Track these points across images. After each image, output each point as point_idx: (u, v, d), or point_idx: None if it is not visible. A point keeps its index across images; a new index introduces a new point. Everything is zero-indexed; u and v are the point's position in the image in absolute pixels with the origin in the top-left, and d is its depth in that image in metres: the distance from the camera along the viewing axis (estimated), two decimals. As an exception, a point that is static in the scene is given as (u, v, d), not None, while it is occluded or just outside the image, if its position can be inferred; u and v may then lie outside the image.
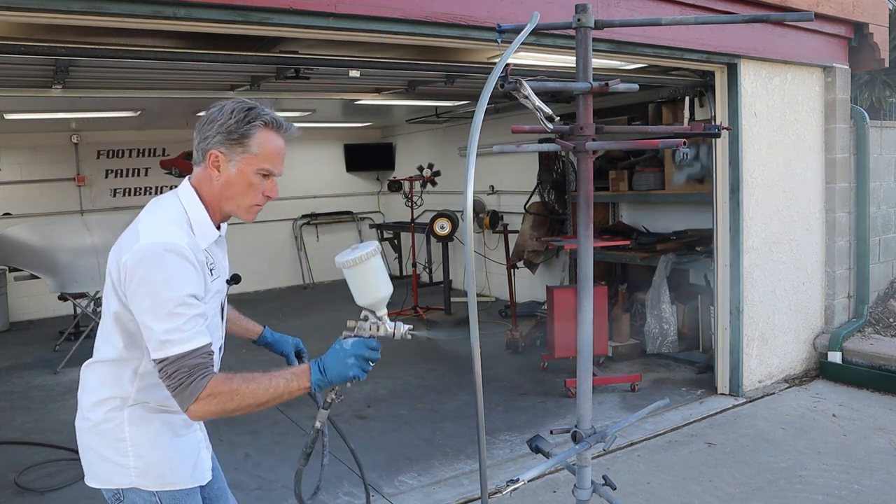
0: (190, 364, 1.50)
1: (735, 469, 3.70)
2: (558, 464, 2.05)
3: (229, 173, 1.68)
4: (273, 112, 1.69)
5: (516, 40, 1.68)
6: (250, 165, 1.67)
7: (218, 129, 1.66)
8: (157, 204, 1.71)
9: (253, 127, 1.65)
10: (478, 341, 1.62)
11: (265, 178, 1.70)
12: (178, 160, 9.31)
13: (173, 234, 1.57)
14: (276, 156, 1.69)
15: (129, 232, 1.63)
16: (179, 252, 1.53)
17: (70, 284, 6.14)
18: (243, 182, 1.68)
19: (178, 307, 1.50)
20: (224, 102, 1.71)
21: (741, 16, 2.00)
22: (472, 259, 1.68)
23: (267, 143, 1.67)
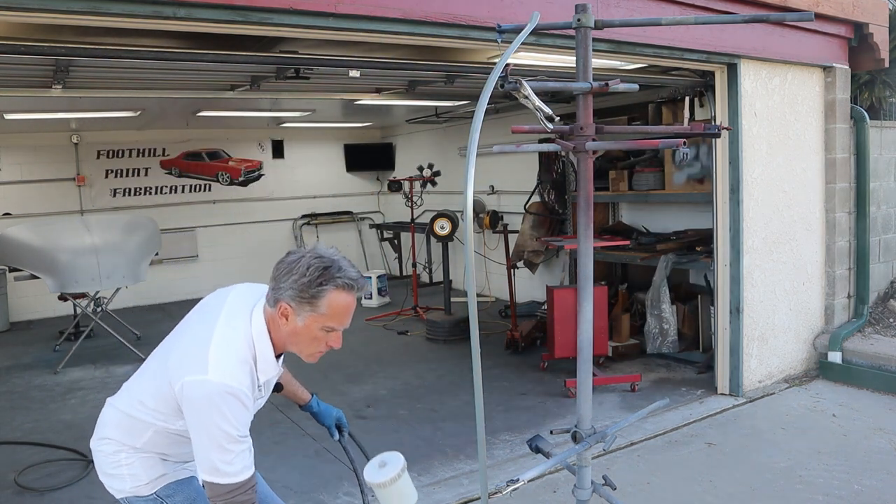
0: (237, 501, 1.70)
1: (735, 469, 3.70)
2: (558, 464, 2.05)
3: (296, 325, 1.77)
4: (348, 271, 1.76)
5: (516, 40, 1.68)
6: (317, 322, 1.76)
7: (292, 283, 1.74)
8: (231, 329, 1.79)
9: (324, 290, 1.72)
10: (478, 341, 1.62)
11: (330, 331, 1.79)
12: (178, 160, 9.32)
13: (238, 377, 1.72)
14: (343, 315, 1.77)
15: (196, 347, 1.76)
16: (239, 398, 1.70)
17: (70, 284, 6.14)
18: (308, 335, 1.78)
19: (231, 444, 1.68)
20: (304, 252, 1.79)
21: (741, 16, 2.00)
22: (472, 259, 1.68)
23: (335, 304, 1.74)
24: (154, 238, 6.95)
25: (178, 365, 1.75)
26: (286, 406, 4.96)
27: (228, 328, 1.79)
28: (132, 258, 6.48)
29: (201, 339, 1.77)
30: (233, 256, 9.70)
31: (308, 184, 10.30)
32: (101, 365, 6.21)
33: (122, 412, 1.94)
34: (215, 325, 1.80)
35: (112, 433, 1.94)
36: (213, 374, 1.68)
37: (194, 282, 9.44)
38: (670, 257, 5.53)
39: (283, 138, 10.04)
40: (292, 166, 10.19)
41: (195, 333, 1.82)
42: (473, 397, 1.68)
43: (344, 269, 1.75)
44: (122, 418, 1.93)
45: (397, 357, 6.18)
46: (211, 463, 1.68)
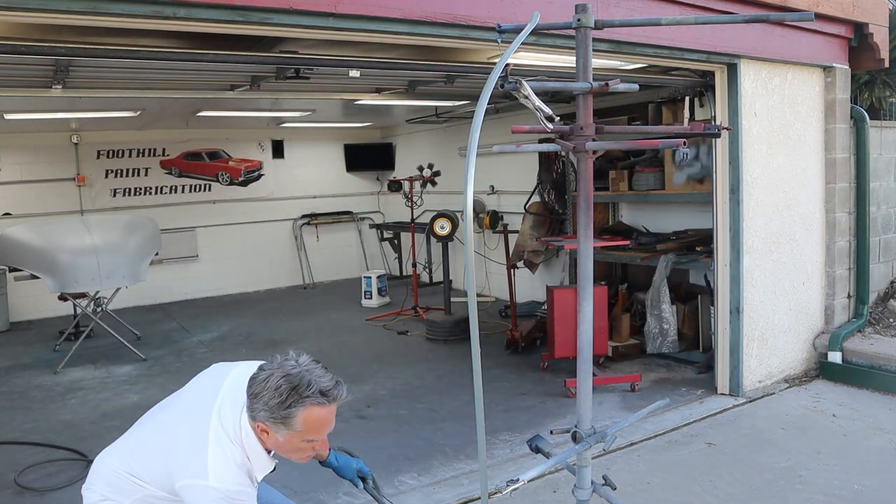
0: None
1: (735, 469, 3.70)
2: (558, 464, 2.05)
3: (277, 440, 1.81)
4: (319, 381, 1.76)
5: (516, 40, 1.68)
6: (295, 438, 1.80)
7: (263, 406, 1.76)
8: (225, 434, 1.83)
9: (294, 411, 1.74)
10: (478, 341, 1.62)
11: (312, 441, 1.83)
12: (178, 160, 9.32)
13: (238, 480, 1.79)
14: (321, 428, 1.80)
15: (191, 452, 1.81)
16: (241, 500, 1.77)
17: (70, 284, 6.14)
18: (291, 447, 1.83)
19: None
20: (272, 371, 1.79)
21: (741, 16, 2.00)
22: (472, 259, 1.68)
23: (311, 420, 1.76)
24: (154, 238, 6.95)
25: (178, 463, 1.81)
26: (286, 406, 4.96)
27: (223, 432, 1.83)
28: (132, 258, 6.48)
29: (198, 438, 1.82)
30: (233, 256, 9.70)
31: (308, 184, 10.30)
32: (101, 365, 6.21)
33: (116, 474, 1.98)
34: (209, 423, 1.84)
35: (103, 489, 2.00)
36: (213, 481, 1.75)
37: (194, 282, 9.45)
38: (670, 257, 5.53)
39: (283, 138, 10.04)
40: (292, 166, 10.19)
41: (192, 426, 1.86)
42: (473, 397, 1.68)
43: (313, 384, 1.75)
44: (115, 479, 1.98)
45: (397, 357, 6.18)
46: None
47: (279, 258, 10.13)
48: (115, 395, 5.33)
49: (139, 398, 5.24)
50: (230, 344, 6.89)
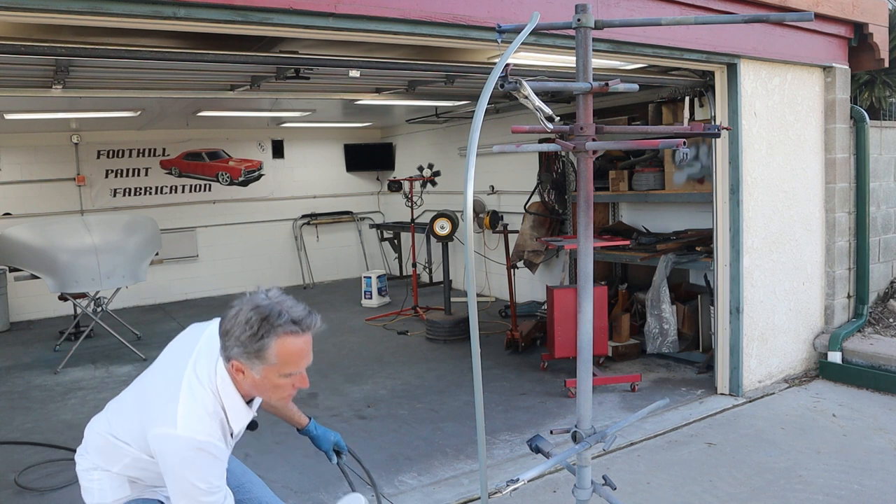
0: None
1: (735, 469, 3.70)
2: (558, 464, 2.05)
3: (254, 378, 1.73)
4: (291, 311, 1.70)
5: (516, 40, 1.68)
6: (272, 372, 1.71)
7: (235, 341, 1.69)
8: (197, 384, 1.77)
9: (267, 342, 1.67)
10: (478, 341, 1.62)
11: (291, 376, 1.74)
12: (178, 160, 9.32)
13: (208, 430, 1.71)
14: (297, 360, 1.72)
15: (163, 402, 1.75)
16: (210, 451, 1.70)
17: (70, 284, 6.14)
18: (268, 385, 1.74)
19: (203, 496, 1.70)
20: (240, 306, 1.72)
21: (741, 16, 2.01)
22: (472, 259, 1.68)
23: (285, 352, 1.68)
24: (154, 238, 6.95)
25: (150, 414, 1.76)
26: (286, 406, 4.96)
27: (196, 380, 1.77)
28: (132, 258, 6.49)
29: (171, 388, 1.76)
30: (233, 256, 9.71)
31: (308, 184, 10.30)
32: (102, 365, 6.21)
33: (102, 437, 1.97)
34: (183, 374, 1.78)
35: (93, 456, 1.98)
36: (181, 429, 1.68)
37: (194, 282, 9.45)
38: (670, 257, 5.53)
39: (283, 138, 10.05)
40: (292, 166, 10.20)
41: (167, 378, 1.81)
42: (473, 397, 1.68)
43: (285, 313, 1.68)
44: (102, 444, 1.96)
45: (397, 357, 6.18)
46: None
47: (279, 258, 10.13)
48: (115, 395, 5.30)
49: (139, 398, 5.24)
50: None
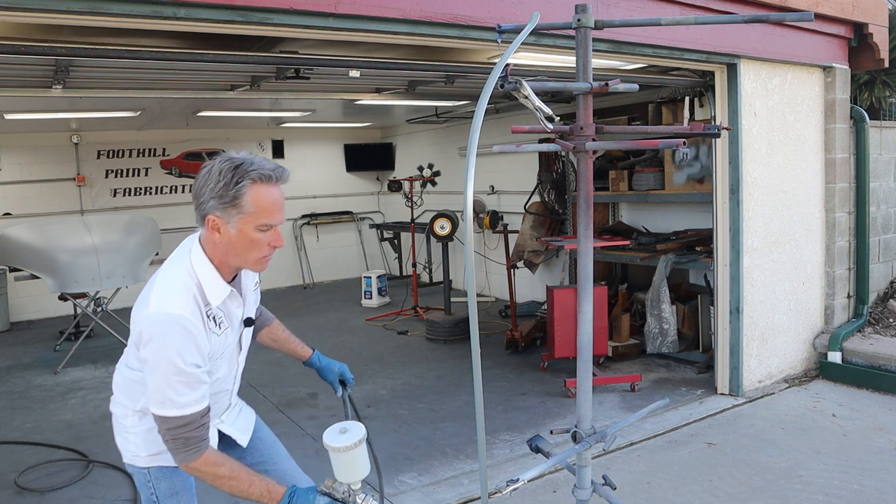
0: (186, 436, 1.69)
1: (735, 469, 3.70)
2: (558, 464, 2.05)
3: (230, 234, 1.73)
4: (262, 163, 1.71)
5: (516, 40, 1.68)
6: (248, 224, 1.71)
7: (210, 193, 1.70)
8: (170, 266, 1.80)
9: (242, 187, 1.68)
10: (478, 341, 1.62)
11: (266, 231, 1.74)
12: (178, 160, 9.32)
13: (179, 304, 1.68)
14: (272, 208, 1.72)
15: (145, 291, 1.77)
16: (181, 324, 1.66)
17: (70, 284, 6.14)
18: (245, 240, 1.73)
19: (176, 376, 1.65)
20: (212, 163, 1.74)
21: (741, 16, 2.00)
22: (472, 259, 1.68)
23: (260, 199, 1.69)
24: (154, 238, 6.95)
25: (133, 310, 1.76)
26: (286, 406, 4.96)
27: (169, 266, 1.80)
28: (132, 258, 6.49)
29: (150, 282, 1.79)
30: (233, 256, 9.69)
31: (308, 184, 10.30)
32: (102, 365, 6.21)
33: (121, 373, 1.98)
34: (161, 268, 1.82)
35: (119, 396, 1.99)
36: (153, 306, 1.68)
37: (194, 282, 9.44)
38: (670, 257, 5.53)
39: (283, 138, 10.05)
40: (292, 166, 10.16)
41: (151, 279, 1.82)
42: (473, 397, 1.68)
43: (257, 163, 1.70)
44: (122, 380, 1.97)
45: (397, 357, 6.18)
46: (160, 395, 1.67)
47: (279, 258, 10.12)
48: (115, 395, 5.33)
49: (139, 398, 5.24)
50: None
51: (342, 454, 1.78)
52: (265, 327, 2.33)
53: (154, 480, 1.95)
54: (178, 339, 1.66)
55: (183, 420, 1.68)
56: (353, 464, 1.80)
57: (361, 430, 1.81)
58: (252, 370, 5.89)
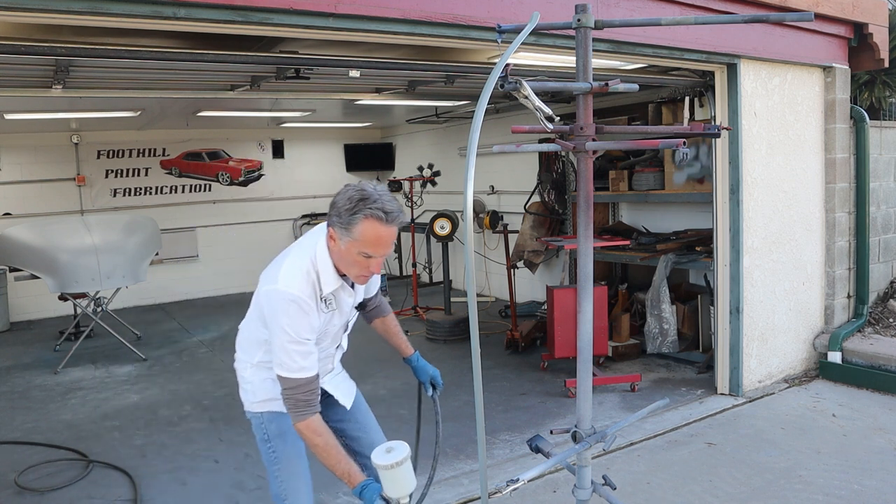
0: (297, 398, 2.04)
1: (735, 469, 3.70)
2: (558, 464, 2.05)
3: (340, 248, 2.06)
4: (384, 203, 1.99)
5: (516, 40, 1.68)
6: (354, 247, 2.02)
7: (336, 212, 2.03)
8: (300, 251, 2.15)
9: (357, 218, 1.98)
10: (478, 341, 1.62)
11: (367, 258, 2.04)
12: (178, 160, 9.32)
13: (300, 287, 2.04)
14: (375, 243, 2.00)
15: (275, 263, 2.15)
16: (299, 305, 2.03)
17: (70, 284, 6.14)
18: (349, 258, 2.06)
19: (291, 344, 2.03)
20: (350, 187, 2.08)
21: (741, 16, 2.01)
22: (472, 259, 1.68)
23: (368, 232, 1.98)
24: (154, 238, 6.95)
25: (264, 278, 2.13)
26: (286, 406, 4.96)
27: (300, 249, 2.15)
28: (132, 258, 6.49)
29: (281, 258, 2.14)
30: (233, 256, 9.70)
31: (308, 184, 10.30)
32: (102, 365, 6.21)
33: (242, 334, 2.35)
34: (293, 247, 2.19)
35: (239, 353, 2.37)
36: (280, 284, 2.03)
37: (194, 282, 9.45)
38: (670, 257, 5.53)
39: (283, 138, 10.04)
40: (292, 166, 10.19)
41: (282, 256, 2.17)
42: (473, 397, 1.68)
43: (377, 201, 1.97)
44: (243, 339, 2.35)
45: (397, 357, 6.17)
46: (278, 358, 2.04)
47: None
48: (116, 395, 5.33)
49: (139, 398, 5.24)
50: (230, 344, 6.85)
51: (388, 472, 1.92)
52: (380, 317, 2.64)
53: (266, 422, 2.30)
54: (296, 315, 2.01)
55: (295, 382, 2.03)
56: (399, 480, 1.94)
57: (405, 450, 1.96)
58: (252, 370, 5.88)
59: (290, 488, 2.29)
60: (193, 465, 4.01)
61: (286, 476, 2.30)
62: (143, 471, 3.92)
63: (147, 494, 3.64)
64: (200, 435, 4.47)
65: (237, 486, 3.73)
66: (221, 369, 5.96)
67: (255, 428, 2.35)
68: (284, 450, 2.29)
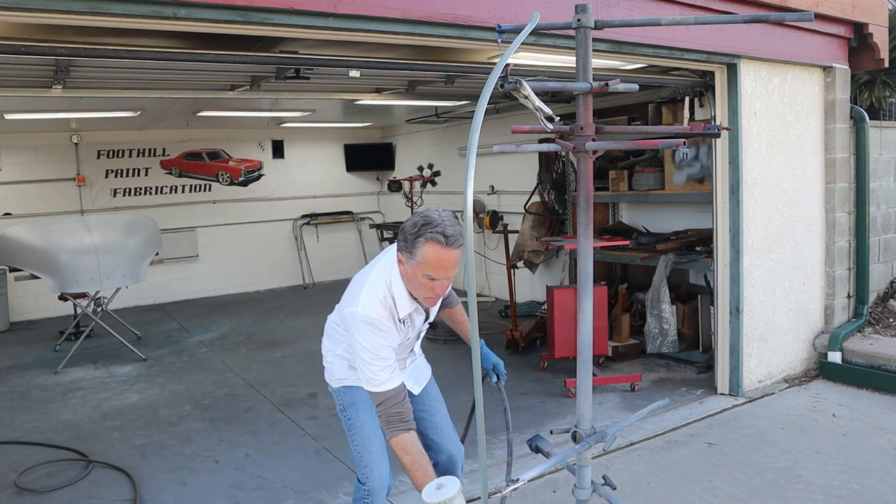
0: (388, 413, 2.21)
1: (735, 469, 3.70)
2: (558, 464, 2.05)
3: (407, 270, 2.21)
4: (446, 227, 2.13)
5: (516, 40, 1.68)
6: (418, 270, 2.16)
7: (403, 236, 2.20)
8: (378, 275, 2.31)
9: (419, 242, 2.13)
10: (478, 341, 1.62)
11: (431, 280, 2.17)
12: (178, 160, 9.32)
13: (377, 311, 2.24)
14: (437, 266, 2.13)
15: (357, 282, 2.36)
16: (376, 326, 2.22)
17: (70, 284, 6.14)
18: (415, 280, 2.21)
19: (371, 359, 2.22)
20: (419, 213, 2.21)
21: (741, 16, 2.00)
22: (472, 259, 1.68)
23: (429, 255, 2.12)
24: (154, 238, 6.95)
25: (347, 299, 2.34)
26: (286, 406, 4.97)
27: (378, 273, 2.31)
28: (132, 258, 6.49)
29: (363, 280, 2.32)
30: (233, 256, 9.70)
31: (308, 184, 10.30)
32: (102, 365, 6.21)
33: (330, 324, 2.61)
34: (372, 270, 2.34)
35: (326, 341, 2.63)
36: (360, 308, 2.23)
37: (194, 282, 9.45)
38: (670, 257, 5.53)
39: (283, 138, 10.04)
40: (292, 166, 10.19)
41: (364, 275, 2.35)
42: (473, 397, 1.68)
43: (439, 226, 2.12)
44: (329, 330, 2.61)
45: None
46: (364, 375, 2.24)
47: (279, 258, 10.13)
48: (116, 394, 5.33)
49: (139, 398, 5.24)
50: (230, 344, 6.89)
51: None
52: (448, 308, 2.76)
53: (342, 394, 2.57)
54: (375, 337, 2.21)
55: (382, 397, 2.20)
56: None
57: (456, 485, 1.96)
58: (252, 370, 5.89)
59: (364, 451, 2.53)
60: (193, 465, 4.01)
61: (360, 441, 2.53)
62: (143, 471, 3.92)
63: (147, 494, 3.64)
64: (200, 435, 4.47)
65: (237, 486, 3.73)
66: (221, 369, 5.97)
67: (335, 400, 2.64)
68: (357, 417, 2.54)
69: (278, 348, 6.61)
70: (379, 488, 2.53)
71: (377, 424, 2.48)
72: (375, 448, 2.54)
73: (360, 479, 2.56)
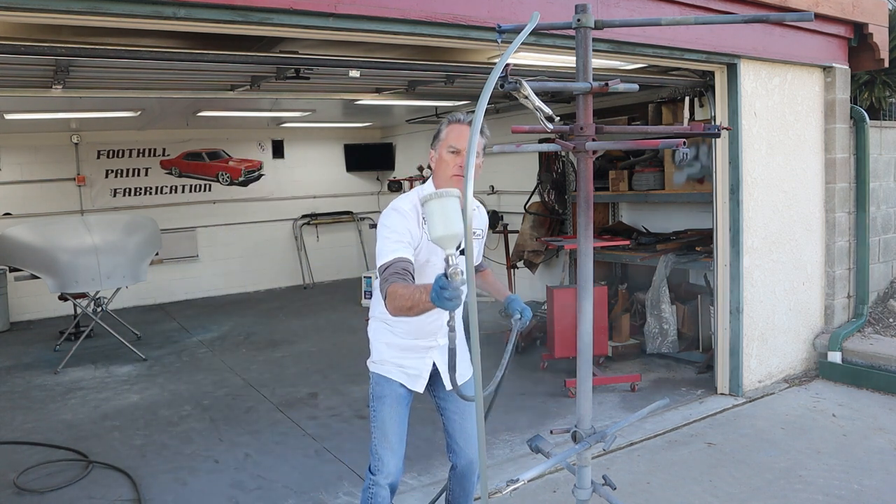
0: (390, 272, 2.30)
1: (735, 469, 3.70)
2: (558, 464, 2.05)
3: (436, 156, 2.53)
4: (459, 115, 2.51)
5: (516, 40, 1.68)
6: (443, 147, 2.49)
7: (434, 136, 2.55)
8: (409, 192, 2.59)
9: (442, 126, 2.52)
10: (478, 342, 1.62)
11: (454, 153, 2.45)
12: (178, 160, 9.32)
13: (402, 202, 2.50)
14: (457, 136, 2.45)
15: None
16: (398, 210, 2.46)
17: (70, 284, 6.14)
18: (443, 161, 2.49)
19: (388, 233, 2.40)
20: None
21: (741, 16, 2.01)
22: (472, 259, 1.68)
23: (450, 131, 2.49)
24: (154, 238, 6.95)
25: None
26: (286, 406, 4.97)
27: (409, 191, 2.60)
28: (132, 258, 6.48)
29: None
30: (233, 256, 9.70)
31: (308, 184, 10.30)
32: (102, 365, 6.21)
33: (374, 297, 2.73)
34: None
35: (371, 310, 2.78)
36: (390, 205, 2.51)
37: (194, 282, 9.45)
38: (670, 257, 5.53)
39: (283, 138, 10.04)
40: (292, 166, 10.19)
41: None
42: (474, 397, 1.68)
43: (457, 115, 2.51)
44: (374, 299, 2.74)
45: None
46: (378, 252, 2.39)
47: (279, 258, 10.13)
48: (116, 394, 5.33)
49: (139, 398, 5.24)
50: (230, 343, 6.89)
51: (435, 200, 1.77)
52: (479, 272, 2.93)
53: (374, 382, 2.70)
54: (394, 216, 2.43)
55: (387, 264, 2.32)
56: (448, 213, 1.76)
57: (455, 192, 1.81)
58: (252, 370, 5.89)
59: (380, 445, 2.64)
60: (193, 465, 4.01)
61: (379, 434, 2.65)
62: (143, 471, 3.92)
63: (147, 494, 3.64)
64: (200, 435, 4.47)
65: (237, 486, 3.73)
66: (221, 369, 5.97)
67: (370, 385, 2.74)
68: (381, 411, 2.66)
69: (278, 348, 6.61)
70: (384, 481, 2.62)
71: (399, 421, 2.64)
72: (391, 444, 2.64)
73: (371, 469, 2.66)
